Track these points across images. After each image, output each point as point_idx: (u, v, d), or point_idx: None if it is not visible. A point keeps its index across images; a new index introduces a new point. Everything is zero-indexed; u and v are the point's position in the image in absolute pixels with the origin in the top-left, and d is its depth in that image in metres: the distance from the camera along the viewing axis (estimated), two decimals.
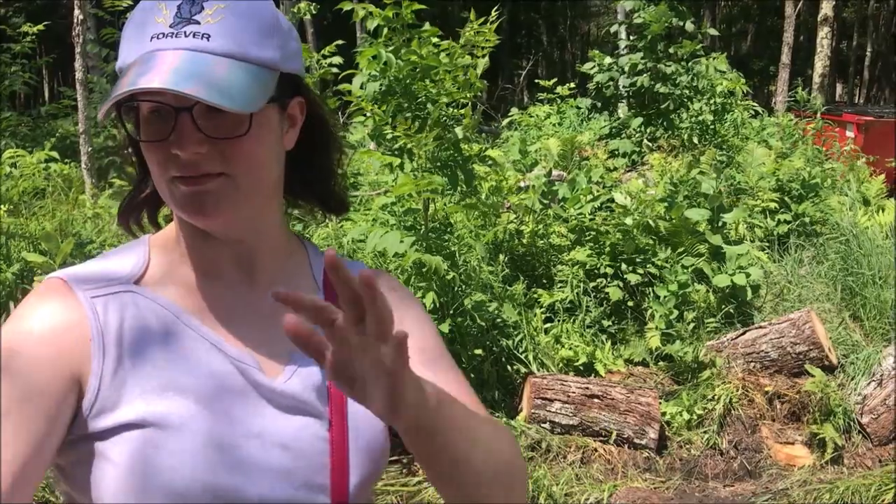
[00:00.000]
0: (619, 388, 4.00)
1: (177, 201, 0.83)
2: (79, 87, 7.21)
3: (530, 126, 10.27)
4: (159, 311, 0.87)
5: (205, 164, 0.81)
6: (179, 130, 0.80)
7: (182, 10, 0.81)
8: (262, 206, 0.90)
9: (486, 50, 4.14)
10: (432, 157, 4.16)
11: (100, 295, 0.85)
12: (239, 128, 0.81)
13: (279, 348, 0.90)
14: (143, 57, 0.80)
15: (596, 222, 5.33)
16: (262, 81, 0.82)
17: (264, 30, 0.84)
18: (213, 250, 0.91)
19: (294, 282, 0.97)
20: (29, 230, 4.75)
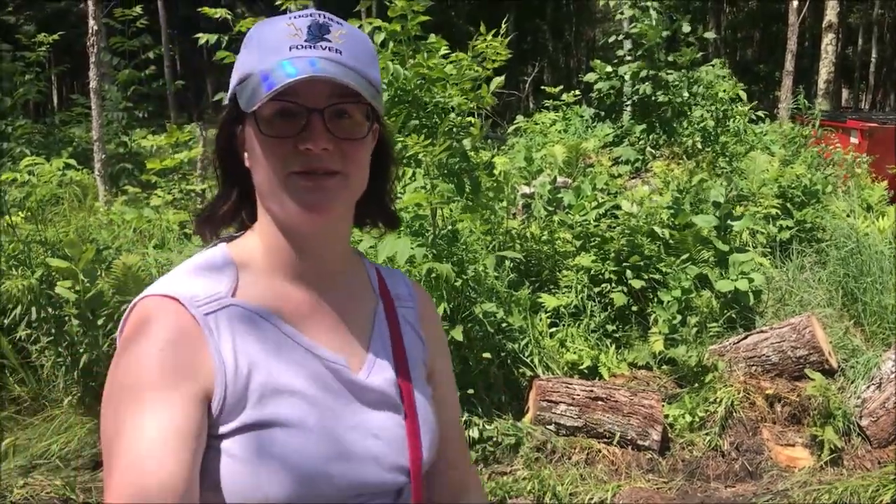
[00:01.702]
0: (622, 391, 4.09)
1: (294, 196, 0.92)
2: (93, 95, 7.35)
3: (536, 133, 10.37)
4: (259, 321, 0.96)
5: (328, 161, 0.92)
6: (311, 128, 0.91)
7: (312, 29, 0.93)
8: (352, 210, 1.03)
9: (498, 63, 4.25)
10: (439, 165, 4.27)
11: (210, 312, 0.93)
12: (360, 131, 0.95)
13: (357, 345, 1.03)
14: (289, 59, 0.90)
15: (601, 228, 5.43)
16: (377, 97, 0.97)
17: (372, 56, 0.98)
18: (298, 258, 1.00)
19: (358, 288, 1.09)
20: (47, 236, 4.88)
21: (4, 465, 3.78)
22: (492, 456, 3.81)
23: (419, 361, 1.10)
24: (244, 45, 0.97)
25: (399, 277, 1.17)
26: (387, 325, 1.09)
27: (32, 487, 3.62)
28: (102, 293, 4.07)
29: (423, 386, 1.09)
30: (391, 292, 1.13)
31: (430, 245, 4.00)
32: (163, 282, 0.96)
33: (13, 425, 4.06)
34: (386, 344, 1.07)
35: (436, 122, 4.24)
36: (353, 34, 0.96)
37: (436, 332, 1.19)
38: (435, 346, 1.16)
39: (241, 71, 0.95)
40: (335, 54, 0.92)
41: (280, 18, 0.95)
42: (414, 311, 1.14)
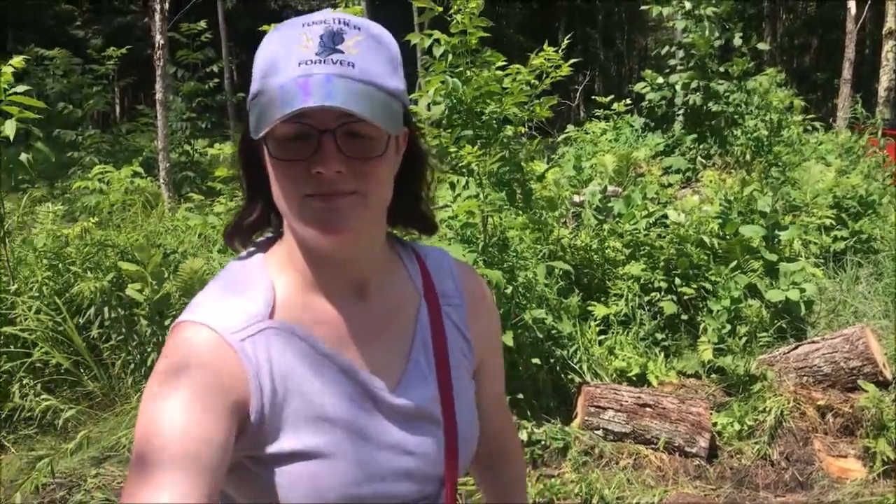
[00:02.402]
0: (670, 398, 4.14)
1: (310, 218, 0.89)
2: (159, 106, 7.67)
3: (586, 142, 10.41)
4: (297, 343, 0.94)
5: (341, 182, 0.88)
6: (323, 150, 0.86)
7: (324, 39, 0.87)
8: (378, 222, 0.99)
9: (556, 78, 4.35)
10: (491, 174, 4.39)
11: (246, 337, 0.91)
12: (376, 149, 0.89)
13: (394, 360, 1.02)
14: (294, 80, 0.84)
15: (650, 237, 5.47)
16: (397, 110, 0.90)
17: (393, 62, 0.92)
18: (328, 273, 0.98)
19: (398, 293, 1.05)
20: (117, 241, 5.14)
21: (78, 457, 4.01)
22: (540, 459, 3.90)
23: (463, 364, 1.08)
24: (259, 51, 0.92)
25: (446, 270, 1.12)
26: (429, 330, 1.06)
27: (104, 477, 3.84)
28: (169, 295, 4.28)
29: (465, 390, 1.07)
30: (437, 289, 1.09)
31: (480, 252, 4.12)
32: (200, 304, 0.95)
33: (86, 419, 4.29)
34: (428, 352, 1.04)
35: (490, 133, 4.35)
36: (372, 38, 0.90)
37: (486, 325, 1.15)
38: (484, 343, 1.13)
39: (252, 87, 0.91)
40: (348, 68, 0.86)
41: (295, 23, 0.90)
42: (462, 309, 1.10)
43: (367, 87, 0.86)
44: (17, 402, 4.18)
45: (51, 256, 4.78)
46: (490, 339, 1.17)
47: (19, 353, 4.31)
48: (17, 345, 4.33)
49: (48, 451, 4.04)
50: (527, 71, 4.43)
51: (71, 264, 4.71)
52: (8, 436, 4.23)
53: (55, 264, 4.71)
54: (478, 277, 1.18)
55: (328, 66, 0.85)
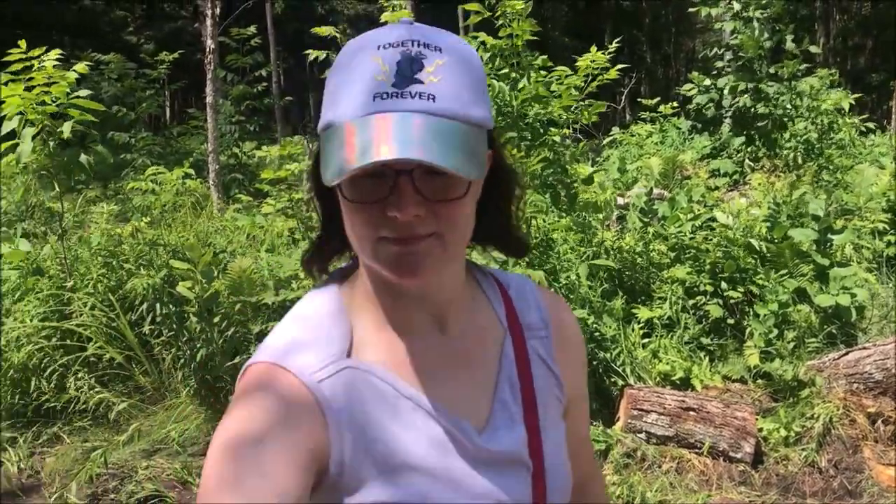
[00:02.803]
0: (715, 402, 4.10)
1: (384, 261, 0.83)
2: (209, 110, 7.84)
3: (631, 144, 10.34)
4: (377, 383, 0.89)
5: (419, 225, 0.81)
6: (399, 192, 0.79)
7: (402, 67, 0.79)
8: (458, 258, 0.93)
9: (604, 81, 4.35)
10: (534, 176, 4.40)
11: (325, 378, 0.86)
12: (458, 190, 0.82)
13: (479, 399, 0.95)
14: (371, 119, 0.77)
15: (696, 240, 5.42)
16: (481, 142, 0.83)
17: (478, 85, 0.84)
18: (407, 307, 0.92)
19: (482, 327, 0.99)
20: (168, 240, 5.28)
21: (130, 449, 4.13)
22: None
23: (552, 402, 1.01)
24: (331, 74, 0.85)
25: (531, 299, 1.05)
26: (515, 367, 0.98)
27: (154, 469, 3.95)
28: (219, 293, 4.38)
29: (555, 431, 1.01)
30: (521, 321, 1.02)
31: None
32: (274, 344, 0.90)
33: (137, 413, 4.42)
34: (515, 390, 0.97)
35: (535, 135, 4.36)
36: (454, 60, 0.82)
37: (574, 355, 1.08)
38: (572, 375, 1.06)
39: (325, 114, 0.84)
40: (428, 102, 0.78)
41: (369, 44, 0.82)
42: (548, 342, 1.03)
43: (449, 124, 0.78)
44: (72, 395, 4.32)
45: (105, 254, 4.94)
46: (577, 372, 1.09)
47: (75, 348, 4.45)
48: (73, 339, 4.48)
49: (101, 442, 4.17)
50: (576, 77, 4.43)
51: (124, 262, 4.85)
52: (64, 427, 4.37)
53: (109, 262, 4.86)
54: (563, 304, 1.11)
55: (406, 101, 0.78)
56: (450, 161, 0.76)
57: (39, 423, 4.43)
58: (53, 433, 4.36)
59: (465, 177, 0.78)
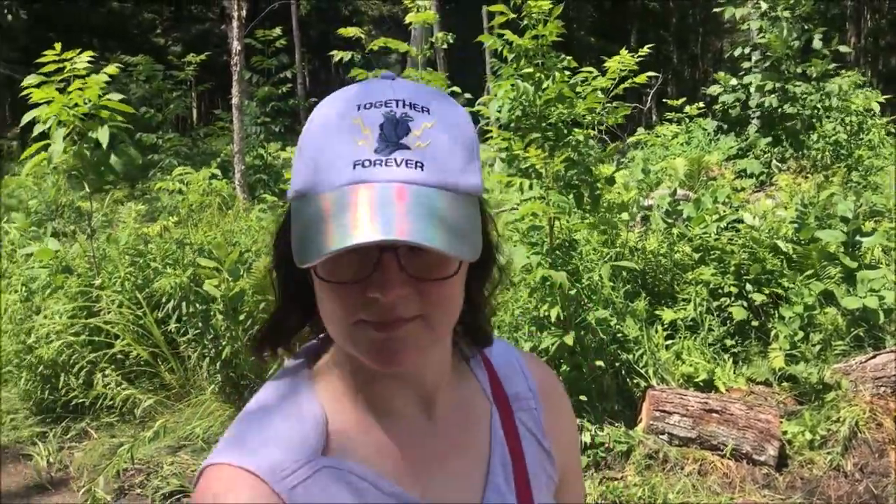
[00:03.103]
0: (738, 404, 4.07)
1: (362, 348, 0.74)
2: (235, 111, 7.93)
3: (656, 145, 10.28)
4: (356, 482, 0.80)
5: (402, 307, 0.72)
6: (382, 270, 0.70)
7: (386, 130, 0.71)
8: (443, 340, 0.84)
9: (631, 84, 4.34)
10: (558, 177, 4.39)
11: (297, 483, 0.76)
12: (448, 268, 0.73)
13: (470, 485, 0.87)
14: (350, 190, 0.69)
15: (721, 242, 5.38)
16: (473, 214, 0.74)
17: (469, 149, 0.75)
18: (389, 390, 0.83)
19: (469, 405, 0.91)
20: (194, 240, 5.35)
21: (156, 445, 4.20)
22: (603, 461, 3.89)
23: (545, 481, 0.93)
24: (305, 131, 0.75)
25: (515, 366, 0.97)
26: (506, 445, 0.90)
27: (179, 465, 4.01)
28: (244, 292, 4.44)
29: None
30: (507, 393, 0.94)
31: (545, 254, 4.13)
32: (236, 441, 0.79)
33: (163, 409, 4.49)
34: (507, 472, 0.89)
35: (558, 136, 4.36)
36: (443, 123, 0.73)
37: (565, 425, 1.00)
38: (565, 449, 0.98)
39: (296, 179, 0.74)
40: (414, 171, 0.69)
41: (349, 103, 0.73)
42: (535, 413, 0.95)
43: (438, 195, 0.70)
44: (99, 391, 4.40)
45: (133, 253, 5.01)
46: (570, 444, 1.02)
47: (102, 345, 4.53)
48: (101, 336, 4.56)
49: (128, 438, 4.24)
50: (605, 79, 4.41)
51: (151, 261, 4.93)
52: (91, 423, 4.46)
53: (136, 261, 4.94)
54: (546, 368, 1.02)
55: (390, 170, 0.69)
56: (438, 239, 0.67)
57: (68, 419, 4.52)
58: (82, 428, 4.45)
59: (456, 255, 0.68)
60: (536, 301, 4.28)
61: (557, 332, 4.02)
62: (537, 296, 4.29)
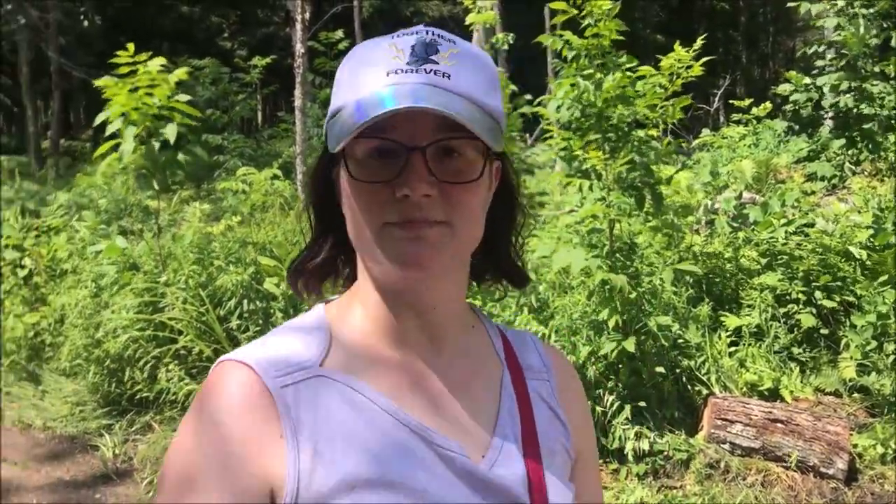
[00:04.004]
0: (805, 415, 3.92)
1: (389, 250, 0.77)
2: (297, 113, 8.03)
3: (722, 147, 10.02)
4: (354, 396, 0.80)
5: (429, 208, 0.76)
6: (410, 170, 0.74)
7: (417, 49, 0.77)
8: (463, 265, 0.86)
9: (688, 79, 4.24)
10: (619, 178, 4.31)
11: (289, 384, 0.78)
12: (471, 173, 0.77)
13: (476, 426, 0.85)
14: (381, 89, 0.75)
15: (789, 246, 5.21)
16: (494, 130, 0.79)
17: (491, 81, 0.81)
18: (401, 321, 0.84)
19: (480, 356, 0.91)
20: (256, 239, 5.44)
21: None
22: (662, 470, 3.80)
23: (557, 447, 0.90)
24: (340, 68, 0.83)
25: (530, 344, 0.97)
26: (515, 402, 0.89)
27: None
28: None
29: (560, 478, 0.88)
30: (521, 364, 0.93)
31: (605, 257, 4.06)
32: (249, 345, 0.84)
33: None
34: (515, 426, 0.87)
35: (619, 136, 4.28)
36: (469, 54, 0.80)
37: (580, 407, 0.98)
38: (580, 427, 0.95)
39: (333, 104, 0.81)
40: (442, 79, 0.76)
41: (382, 39, 0.80)
42: (549, 385, 0.93)
43: (464, 101, 0.75)
44: (163, 386, 4.51)
45: (197, 251, 5.12)
46: (584, 424, 0.97)
47: (166, 340, 4.64)
48: (165, 332, 4.67)
49: None
50: (659, 74, 4.32)
51: (215, 259, 5.03)
52: (155, 416, 4.57)
53: (200, 258, 5.04)
54: (560, 352, 1.02)
55: (422, 76, 0.75)
56: (466, 120, 0.73)
57: (133, 412, 4.65)
58: (146, 422, 4.56)
59: (485, 139, 0.75)
60: (595, 305, 4.21)
61: (616, 336, 3.94)
62: (596, 299, 4.22)
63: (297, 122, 8.05)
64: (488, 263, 0.92)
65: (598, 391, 4.01)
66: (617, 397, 3.98)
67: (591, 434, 1.00)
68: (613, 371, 4.09)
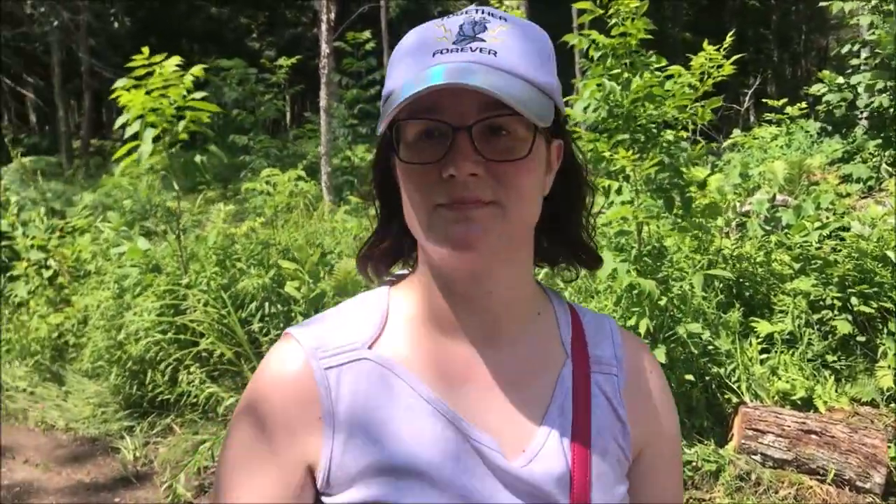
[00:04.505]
0: (840, 426, 3.78)
1: (439, 232, 0.77)
2: (322, 114, 8.03)
3: (754, 148, 9.82)
4: (395, 381, 0.82)
5: (477, 188, 0.75)
6: (456, 150, 0.74)
7: (465, 28, 0.77)
8: (519, 248, 0.84)
9: (718, 78, 4.12)
10: (648, 181, 4.21)
11: (333, 366, 0.82)
12: (520, 151, 0.76)
13: (521, 421, 0.83)
14: (426, 72, 0.74)
15: (824, 251, 5.05)
16: (545, 106, 0.77)
17: (544, 55, 0.80)
18: (455, 307, 0.84)
19: (540, 347, 0.88)
20: (280, 240, 5.41)
21: None
22: (690, 481, 3.68)
23: (611, 447, 0.86)
24: (394, 52, 0.83)
25: (607, 331, 0.93)
26: (570, 397, 0.86)
27: None
28: (325, 293, 4.44)
29: (610, 479, 0.85)
30: (590, 352, 0.90)
31: (633, 261, 3.95)
32: (313, 318, 0.89)
33: None
34: (565, 422, 0.84)
35: (648, 137, 4.17)
36: (520, 29, 0.79)
37: (651, 406, 0.92)
38: (647, 426, 0.91)
39: (385, 87, 0.82)
40: (489, 56, 0.75)
41: (434, 21, 0.80)
42: (617, 380, 0.89)
43: (510, 78, 0.74)
44: (184, 388, 4.48)
45: (220, 253, 5.10)
46: (654, 423, 0.92)
47: (188, 342, 4.62)
48: (187, 335, 4.65)
49: (210, 435, 4.30)
50: (689, 74, 4.20)
51: (237, 261, 5.00)
52: (176, 419, 4.54)
53: (223, 260, 5.01)
54: (647, 352, 0.96)
55: (466, 54, 0.75)
56: (510, 99, 0.71)
57: (154, 414, 4.63)
58: (167, 424, 4.54)
59: (530, 116, 0.72)
60: (623, 310, 4.11)
61: (645, 343, 3.83)
62: (624, 304, 4.12)
63: (322, 123, 8.04)
64: (558, 245, 0.91)
65: None
66: None
67: (665, 435, 0.94)
68: None
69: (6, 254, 6.43)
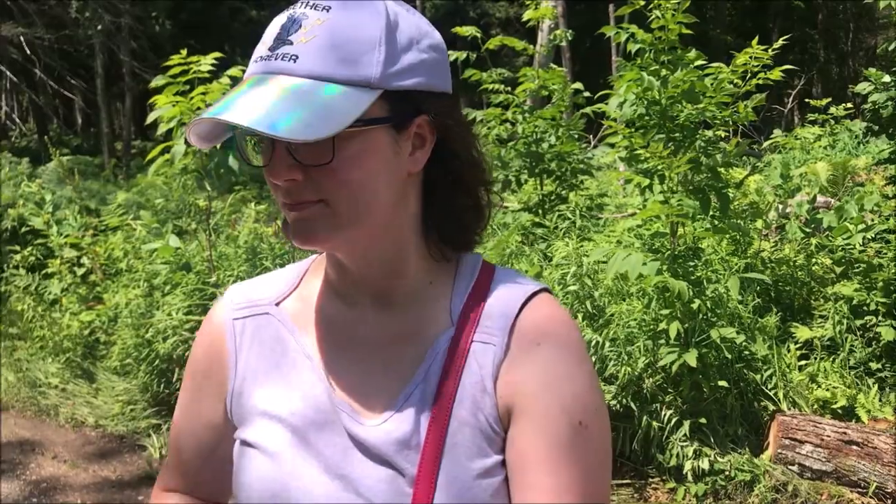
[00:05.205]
0: (884, 437, 3.62)
1: (287, 227, 0.83)
2: None
3: (795, 148, 9.57)
4: (285, 337, 0.91)
5: (301, 191, 0.79)
6: (275, 158, 0.79)
7: (284, 28, 0.78)
8: (379, 231, 0.84)
9: (764, 80, 3.98)
10: (684, 180, 4.08)
11: (240, 317, 0.94)
12: (324, 155, 0.77)
13: (385, 385, 0.86)
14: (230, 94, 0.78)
15: (868, 254, 4.87)
16: (348, 102, 0.76)
17: (363, 45, 0.78)
18: (346, 280, 0.90)
19: (426, 313, 0.89)
20: None
21: None
22: (723, 490, 3.56)
23: (474, 418, 0.82)
24: None
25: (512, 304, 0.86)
26: (441, 362, 0.84)
27: None
28: None
29: (466, 451, 0.81)
30: (481, 322, 0.86)
31: (665, 262, 3.83)
32: (255, 278, 1.01)
33: None
34: (429, 388, 0.84)
35: (685, 136, 4.04)
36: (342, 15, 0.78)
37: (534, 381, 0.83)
38: (523, 404, 0.82)
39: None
40: (288, 64, 0.76)
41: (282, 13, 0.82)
42: (497, 350, 0.84)
43: (305, 84, 0.76)
44: None
45: (249, 252, 5.09)
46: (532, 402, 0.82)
47: None
48: None
49: None
50: (729, 70, 4.06)
51: (264, 259, 4.98)
52: None
53: (251, 259, 5.01)
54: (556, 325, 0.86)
55: (271, 63, 0.78)
56: (282, 124, 0.72)
57: None
58: None
59: (289, 136, 0.72)
60: (654, 313, 3.99)
61: (675, 346, 3.71)
62: (655, 307, 4.00)
63: None
64: (433, 226, 0.90)
65: (655, 405, 3.79)
66: (675, 412, 3.75)
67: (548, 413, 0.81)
68: (672, 384, 3.87)
69: (41, 251, 6.53)
